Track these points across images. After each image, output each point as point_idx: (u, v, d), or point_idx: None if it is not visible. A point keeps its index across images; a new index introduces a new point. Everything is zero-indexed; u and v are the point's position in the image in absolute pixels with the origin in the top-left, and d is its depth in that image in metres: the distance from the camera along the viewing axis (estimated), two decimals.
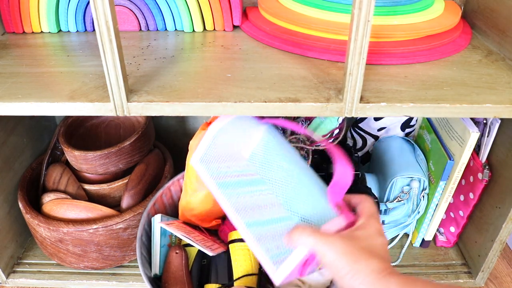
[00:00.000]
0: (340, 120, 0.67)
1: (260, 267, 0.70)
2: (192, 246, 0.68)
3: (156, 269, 0.66)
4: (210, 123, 0.66)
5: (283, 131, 0.69)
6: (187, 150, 0.67)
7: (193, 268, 0.67)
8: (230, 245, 0.68)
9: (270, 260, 0.46)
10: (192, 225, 0.73)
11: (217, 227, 0.75)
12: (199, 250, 0.68)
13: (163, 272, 0.65)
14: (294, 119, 0.70)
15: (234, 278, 0.64)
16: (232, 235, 0.68)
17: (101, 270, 0.78)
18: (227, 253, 0.68)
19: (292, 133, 0.68)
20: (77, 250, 0.73)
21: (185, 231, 0.68)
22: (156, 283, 0.66)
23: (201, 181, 0.67)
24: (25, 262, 0.81)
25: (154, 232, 0.68)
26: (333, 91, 0.54)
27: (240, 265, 0.65)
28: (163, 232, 0.68)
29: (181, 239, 0.71)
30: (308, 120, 0.70)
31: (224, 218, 0.75)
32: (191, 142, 0.67)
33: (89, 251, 0.73)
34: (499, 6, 0.65)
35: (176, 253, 0.66)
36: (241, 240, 0.67)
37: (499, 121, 0.67)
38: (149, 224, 0.68)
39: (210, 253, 0.66)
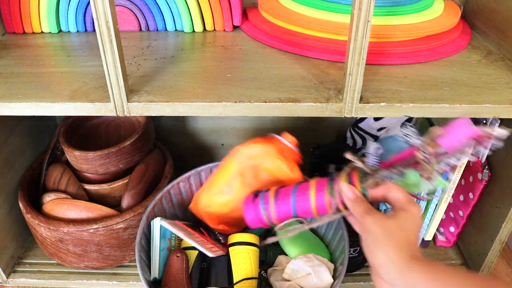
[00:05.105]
0: None
1: (260, 271, 0.69)
2: (191, 249, 0.68)
3: (155, 272, 0.66)
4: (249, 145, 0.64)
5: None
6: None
7: (193, 272, 0.67)
8: (230, 248, 0.67)
9: None
10: (193, 227, 0.73)
11: (221, 231, 0.74)
12: (198, 254, 0.68)
13: (163, 275, 0.65)
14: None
15: (234, 282, 0.64)
16: (232, 238, 0.68)
17: (101, 270, 0.78)
18: (227, 256, 0.68)
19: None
20: (78, 250, 0.73)
21: (185, 232, 0.68)
22: (155, 286, 0.66)
23: (231, 187, 0.66)
24: (26, 262, 0.81)
25: (153, 235, 0.68)
26: (333, 91, 0.54)
27: (240, 269, 0.65)
28: (163, 236, 0.68)
29: (180, 243, 0.71)
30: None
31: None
32: (239, 148, 0.65)
33: (89, 251, 0.73)
34: (499, 6, 0.65)
35: (177, 256, 0.66)
36: (241, 244, 0.67)
37: (499, 121, 0.67)
38: (148, 228, 0.68)
39: (210, 255, 0.66)
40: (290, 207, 0.56)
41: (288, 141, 0.66)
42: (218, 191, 0.67)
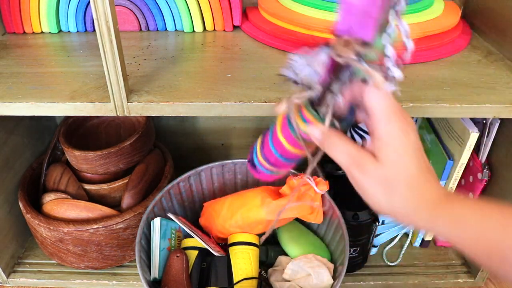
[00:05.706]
0: None
1: (260, 271, 0.69)
2: (191, 249, 0.69)
3: (155, 272, 0.66)
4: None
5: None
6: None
7: (193, 272, 0.67)
8: (230, 248, 0.68)
9: None
10: (194, 226, 0.73)
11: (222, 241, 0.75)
12: (198, 254, 0.69)
13: (163, 275, 0.65)
14: None
15: (234, 282, 0.64)
16: (232, 238, 0.68)
17: (101, 270, 0.78)
18: (227, 256, 0.68)
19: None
20: (78, 250, 0.73)
21: (191, 229, 0.69)
22: (155, 286, 0.66)
23: (253, 228, 0.67)
24: (26, 262, 0.81)
25: (153, 235, 0.68)
26: None
27: (240, 269, 0.65)
28: (163, 236, 0.68)
29: (180, 243, 0.72)
30: None
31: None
32: (271, 201, 0.65)
33: (89, 251, 0.73)
34: (499, 6, 0.65)
35: (177, 256, 0.66)
36: (241, 244, 0.67)
37: (499, 121, 0.67)
38: (148, 228, 0.68)
39: (215, 253, 0.66)
40: (278, 158, 0.51)
41: (320, 189, 0.65)
42: (237, 226, 0.67)
